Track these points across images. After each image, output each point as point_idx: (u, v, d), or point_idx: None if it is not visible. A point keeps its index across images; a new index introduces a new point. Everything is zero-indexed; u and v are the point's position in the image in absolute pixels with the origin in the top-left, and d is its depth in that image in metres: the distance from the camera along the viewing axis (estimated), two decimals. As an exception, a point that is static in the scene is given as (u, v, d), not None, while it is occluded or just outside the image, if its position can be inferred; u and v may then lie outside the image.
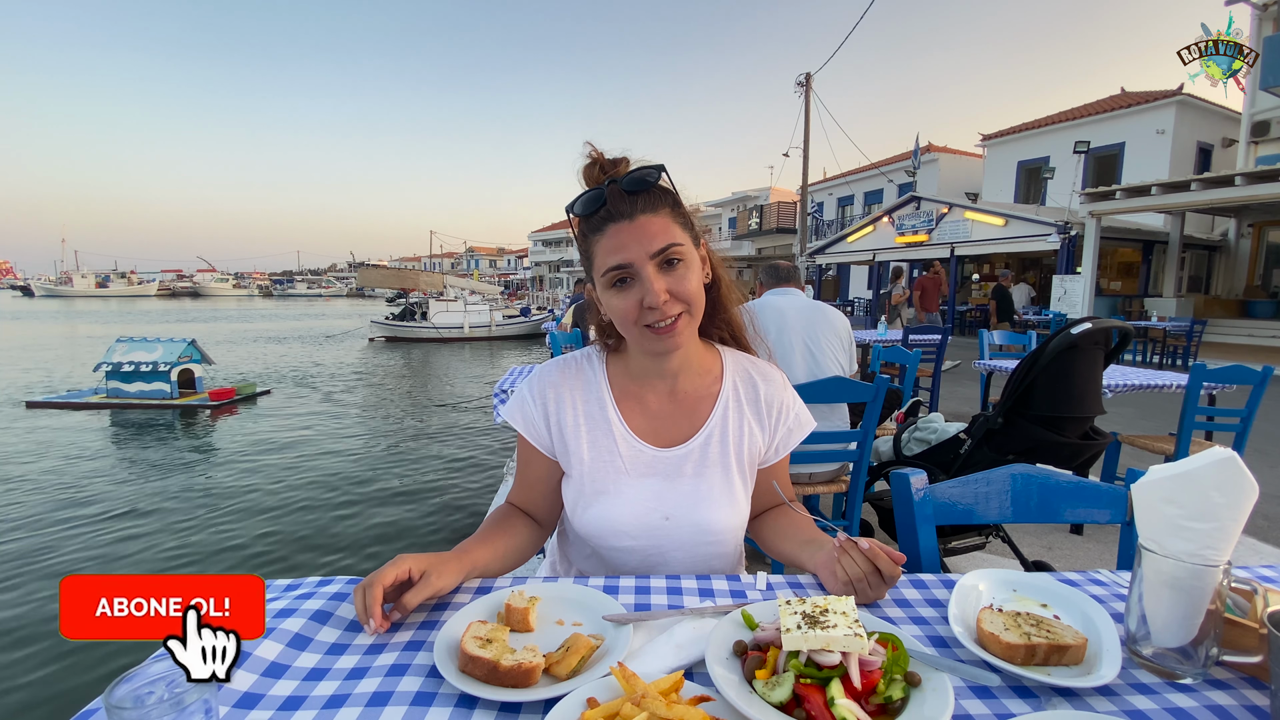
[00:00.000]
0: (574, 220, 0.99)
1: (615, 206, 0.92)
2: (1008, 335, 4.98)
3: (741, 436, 1.07)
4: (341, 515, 4.74)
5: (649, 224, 0.92)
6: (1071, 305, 12.59)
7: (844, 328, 2.62)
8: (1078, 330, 2.17)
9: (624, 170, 0.97)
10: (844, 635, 0.61)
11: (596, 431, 1.05)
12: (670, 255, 0.92)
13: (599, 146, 0.99)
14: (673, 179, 0.99)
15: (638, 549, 1.03)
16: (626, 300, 0.93)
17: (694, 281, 0.95)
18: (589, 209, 0.95)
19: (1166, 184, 10.96)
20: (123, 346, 8.93)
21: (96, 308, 43.49)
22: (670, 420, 1.06)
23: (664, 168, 0.96)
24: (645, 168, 0.95)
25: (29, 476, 5.54)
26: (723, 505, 1.03)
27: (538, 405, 1.07)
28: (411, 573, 0.80)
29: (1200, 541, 0.67)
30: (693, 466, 1.03)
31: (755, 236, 27.21)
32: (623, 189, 0.93)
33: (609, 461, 1.03)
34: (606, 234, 0.92)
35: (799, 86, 17.36)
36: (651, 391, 1.07)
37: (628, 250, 0.91)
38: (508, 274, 67.41)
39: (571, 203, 0.97)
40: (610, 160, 0.98)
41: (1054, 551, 2.96)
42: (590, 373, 1.09)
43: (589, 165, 0.99)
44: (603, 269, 0.93)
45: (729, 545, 1.06)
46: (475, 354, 16.76)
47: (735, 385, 1.10)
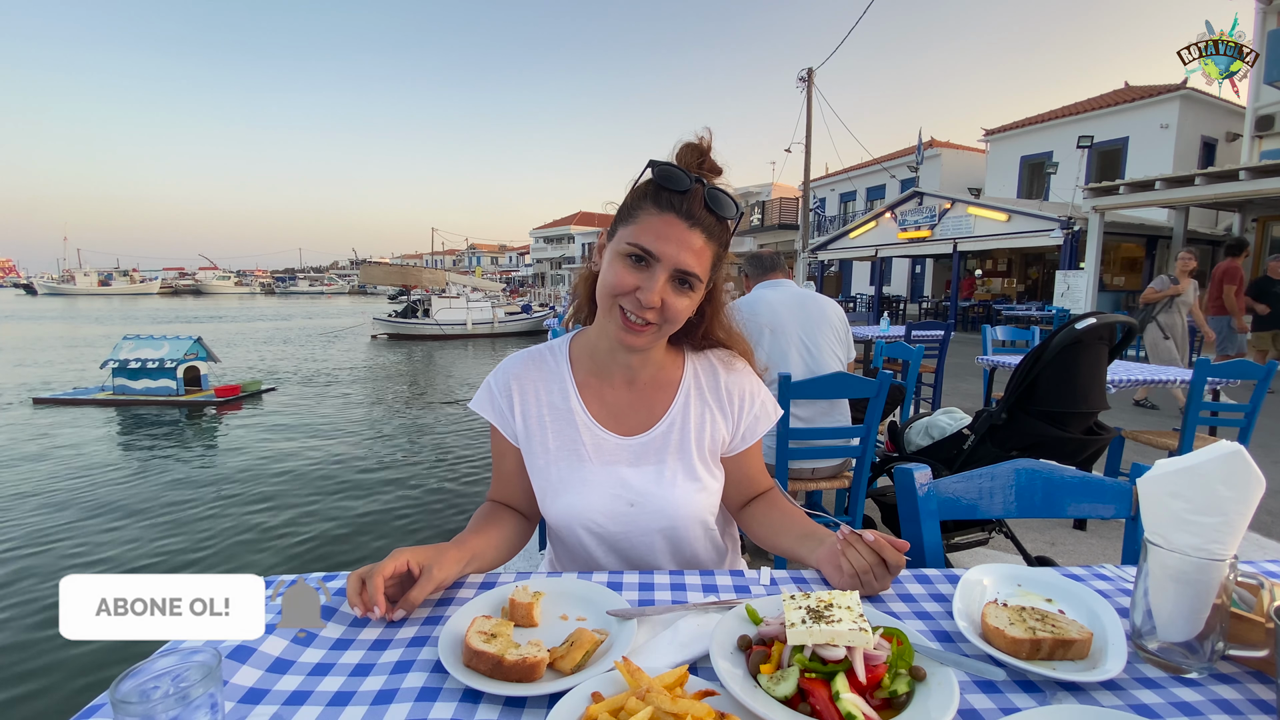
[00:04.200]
0: (643, 175, 0.98)
1: (689, 203, 0.92)
2: (1011, 331, 4.95)
3: (704, 424, 1.08)
4: (347, 511, 4.75)
5: (696, 242, 0.93)
6: (1075, 301, 12.56)
7: (839, 317, 2.58)
8: (1082, 325, 2.16)
9: (716, 177, 0.98)
10: (849, 630, 0.60)
11: (560, 421, 1.06)
12: (687, 279, 0.94)
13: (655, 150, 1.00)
14: (737, 225, 1.00)
15: (606, 537, 1.04)
16: (627, 277, 0.93)
17: (685, 308, 0.97)
18: (670, 184, 0.93)
19: (1170, 179, 10.90)
20: (129, 344, 8.95)
21: (99, 306, 43.57)
22: (632, 408, 1.07)
23: (743, 212, 0.99)
24: (732, 198, 0.96)
25: (35, 473, 5.56)
26: (687, 490, 1.04)
27: (503, 397, 1.08)
28: (410, 565, 0.80)
29: (1206, 536, 0.67)
30: (655, 454, 1.05)
31: (757, 232, 27.16)
32: (706, 198, 0.93)
33: (573, 450, 1.05)
34: (663, 218, 0.92)
35: (801, 82, 17.29)
36: (613, 380, 1.08)
37: (666, 245, 0.91)
38: (509, 271, 67.40)
39: (661, 162, 0.95)
40: (713, 159, 0.98)
41: (1057, 547, 2.96)
42: (553, 363, 1.11)
43: (692, 146, 0.98)
44: (633, 239, 0.93)
45: (698, 531, 1.07)
46: (478, 351, 16.77)
47: (696, 374, 1.11)
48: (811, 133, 17.36)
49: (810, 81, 17.18)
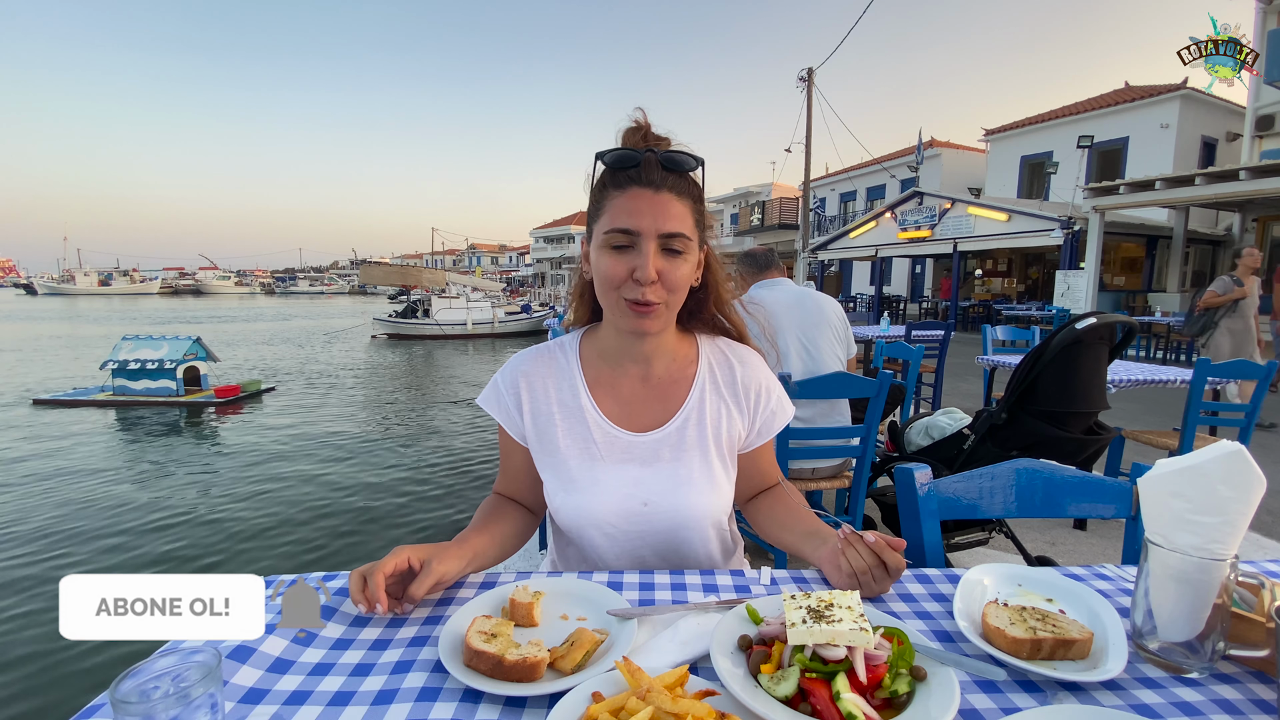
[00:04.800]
0: (596, 170, 0.97)
1: (646, 173, 0.91)
2: (1011, 331, 4.95)
3: (719, 420, 1.05)
4: (347, 510, 4.75)
5: (670, 204, 0.91)
6: (1075, 301, 12.56)
7: (837, 315, 2.56)
8: (1082, 325, 2.16)
9: (665, 147, 0.96)
10: (849, 629, 0.60)
11: (571, 419, 1.03)
12: (676, 244, 0.92)
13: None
14: (704, 177, 0.98)
15: (618, 537, 1.01)
16: (618, 265, 0.91)
17: (685, 275, 0.94)
18: (621, 164, 0.92)
19: (1170, 179, 10.91)
20: (129, 344, 8.95)
21: (99, 306, 43.57)
22: (645, 404, 1.05)
23: (703, 162, 0.96)
24: (687, 153, 0.94)
25: (35, 474, 5.56)
26: (703, 489, 1.01)
27: (511, 395, 1.06)
28: (411, 562, 0.80)
29: (1207, 535, 0.67)
30: (670, 451, 1.02)
31: (757, 232, 27.15)
32: (660, 161, 0.92)
33: (584, 449, 1.02)
34: (627, 194, 0.91)
35: (801, 82, 17.29)
36: (625, 376, 1.06)
37: (641, 218, 0.90)
38: (509, 271, 67.38)
39: (605, 152, 0.94)
40: (655, 133, 0.97)
41: (1057, 547, 2.96)
42: (563, 360, 1.08)
43: (633, 129, 0.97)
44: (609, 226, 0.91)
45: (711, 531, 1.05)
46: (478, 351, 16.77)
47: (711, 368, 1.08)
48: (811, 132, 17.36)
49: (810, 81, 17.18)
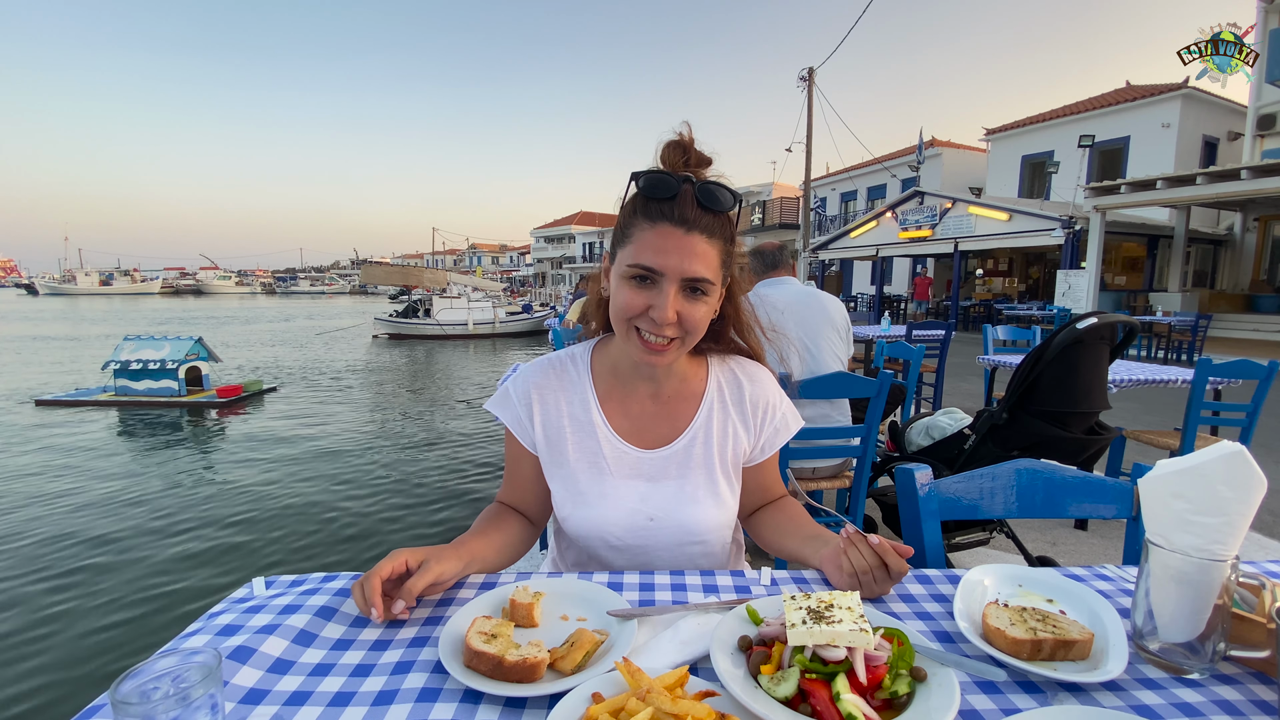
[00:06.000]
0: (629, 189, 0.93)
1: (680, 209, 0.88)
2: (1012, 331, 4.95)
3: (726, 437, 1.06)
4: (348, 511, 4.75)
5: (698, 246, 0.89)
6: (1076, 300, 12.56)
7: (840, 315, 2.57)
8: (1083, 325, 2.16)
9: (706, 172, 0.93)
10: (849, 630, 0.60)
11: (581, 433, 1.04)
12: (698, 285, 0.90)
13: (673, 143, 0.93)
14: (739, 214, 0.95)
15: (624, 549, 1.03)
16: (636, 298, 0.90)
17: (704, 315, 0.94)
18: (656, 193, 0.89)
19: (1171, 178, 10.90)
20: (130, 344, 8.96)
21: (100, 306, 43.60)
22: (654, 421, 1.06)
23: (741, 199, 0.93)
24: (726, 188, 0.91)
25: (38, 475, 5.57)
26: (707, 506, 1.03)
27: (523, 406, 1.06)
28: (409, 564, 0.80)
29: (1208, 536, 0.66)
30: (677, 468, 1.03)
31: (758, 232, 27.14)
32: (696, 196, 0.89)
33: (594, 463, 1.03)
34: (657, 230, 0.88)
35: (801, 81, 17.29)
36: (636, 392, 1.06)
37: (668, 257, 0.88)
38: (510, 271, 67.41)
39: (643, 173, 0.91)
40: (699, 150, 0.93)
41: (1058, 547, 2.96)
42: (574, 373, 1.08)
43: (674, 145, 0.93)
44: (633, 259, 0.89)
45: (714, 545, 1.06)
46: (479, 351, 16.77)
47: (720, 386, 1.09)
48: (812, 132, 17.35)
49: (811, 81, 17.17)
